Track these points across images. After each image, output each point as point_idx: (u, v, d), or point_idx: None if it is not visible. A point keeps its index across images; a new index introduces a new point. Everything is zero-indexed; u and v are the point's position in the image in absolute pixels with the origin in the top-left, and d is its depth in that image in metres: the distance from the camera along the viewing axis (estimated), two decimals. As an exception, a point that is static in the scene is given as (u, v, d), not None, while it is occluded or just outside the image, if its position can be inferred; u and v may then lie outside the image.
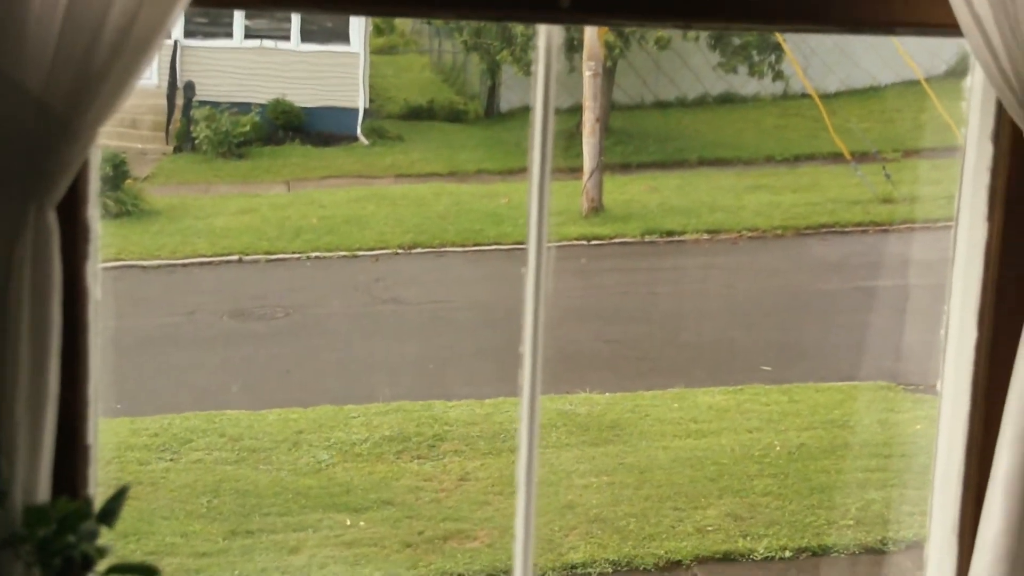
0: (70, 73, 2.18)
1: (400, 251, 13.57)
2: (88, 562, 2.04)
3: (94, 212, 2.31)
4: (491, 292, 12.67)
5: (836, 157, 16.05)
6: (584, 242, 13.77)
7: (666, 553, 8.10)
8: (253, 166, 16.08)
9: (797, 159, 16.96)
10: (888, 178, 15.02)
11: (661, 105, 18.54)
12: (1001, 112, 3.46)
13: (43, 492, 2.14)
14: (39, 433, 2.13)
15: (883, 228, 14.45)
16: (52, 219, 2.14)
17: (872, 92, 18.83)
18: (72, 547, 2.00)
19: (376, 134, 17.19)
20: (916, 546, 8.11)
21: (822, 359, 11.04)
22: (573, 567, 7.97)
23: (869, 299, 12.17)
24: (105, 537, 2.10)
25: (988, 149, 3.52)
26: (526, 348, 3.84)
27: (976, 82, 3.55)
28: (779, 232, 14.32)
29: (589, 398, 10.15)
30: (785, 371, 10.71)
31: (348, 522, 8.32)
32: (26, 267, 2.11)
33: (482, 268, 13.32)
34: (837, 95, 18.10)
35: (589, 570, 8.03)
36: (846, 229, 14.45)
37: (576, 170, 14.73)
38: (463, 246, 13.68)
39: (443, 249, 13.62)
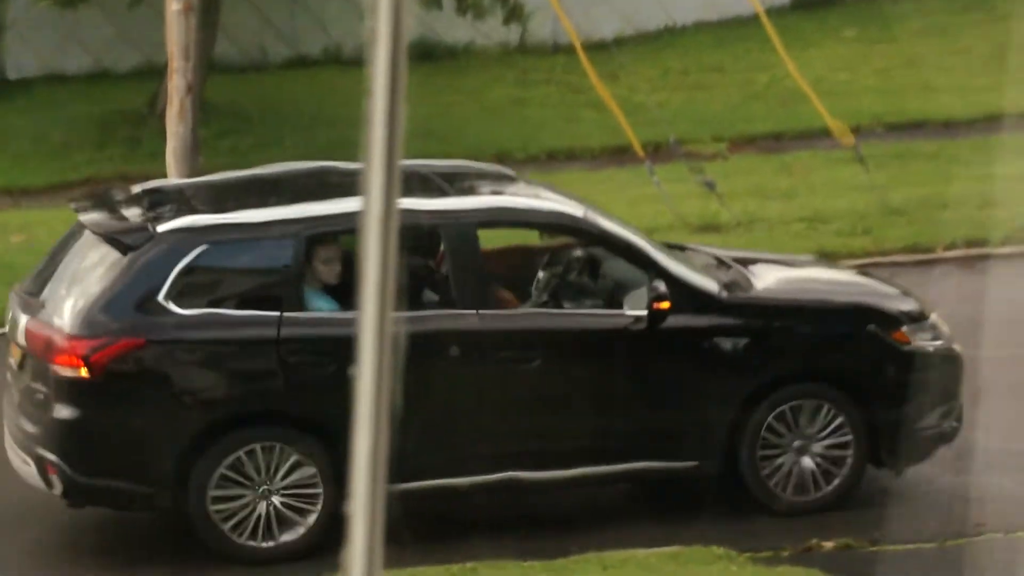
0: None
1: None
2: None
3: None
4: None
5: (617, 153, 11.01)
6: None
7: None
8: None
9: (550, 158, 11.78)
10: (710, 188, 10.01)
11: (300, 62, 13.31)
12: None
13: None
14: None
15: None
16: None
17: (669, 37, 13.59)
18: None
19: None
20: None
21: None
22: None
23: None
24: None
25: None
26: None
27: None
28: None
29: None
30: None
31: None
32: None
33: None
34: (618, 43, 12.48)
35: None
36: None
37: (149, 178, 10.01)
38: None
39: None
